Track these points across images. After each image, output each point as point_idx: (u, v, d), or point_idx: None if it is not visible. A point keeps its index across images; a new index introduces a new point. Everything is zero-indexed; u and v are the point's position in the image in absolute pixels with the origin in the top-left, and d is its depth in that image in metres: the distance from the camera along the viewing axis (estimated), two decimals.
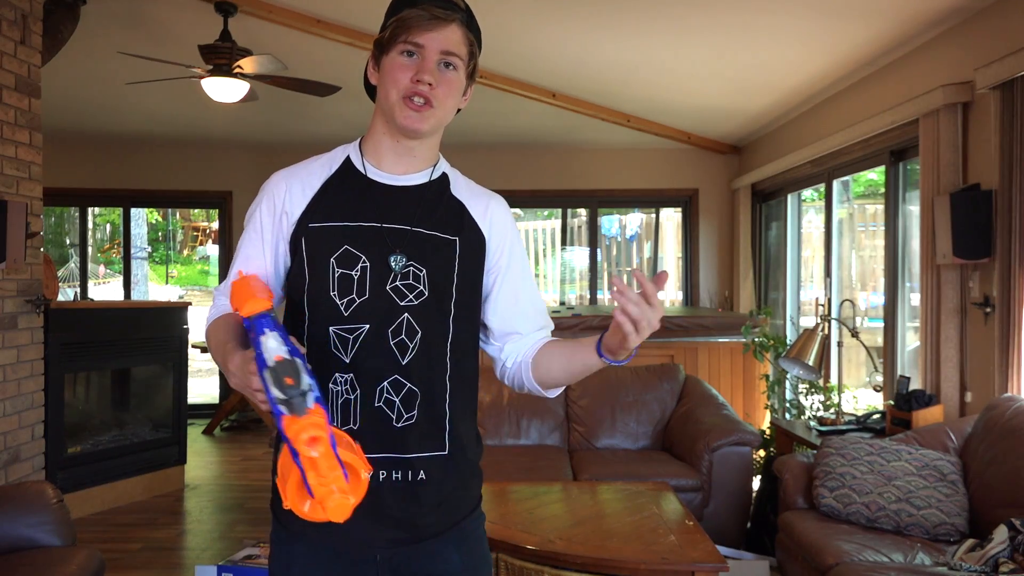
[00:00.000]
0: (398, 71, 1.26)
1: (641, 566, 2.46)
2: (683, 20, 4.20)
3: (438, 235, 1.32)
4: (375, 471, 1.24)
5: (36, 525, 2.64)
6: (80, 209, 7.84)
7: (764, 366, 5.16)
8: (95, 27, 4.48)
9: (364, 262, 1.27)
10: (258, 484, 5.11)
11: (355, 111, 6.05)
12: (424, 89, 1.25)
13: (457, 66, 1.28)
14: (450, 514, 1.33)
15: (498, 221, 1.40)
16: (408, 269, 1.28)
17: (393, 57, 1.27)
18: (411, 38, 1.24)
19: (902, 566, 2.58)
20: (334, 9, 4.42)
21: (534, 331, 1.41)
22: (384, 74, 1.28)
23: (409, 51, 1.25)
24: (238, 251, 1.37)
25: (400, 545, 1.28)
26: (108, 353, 4.70)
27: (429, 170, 1.37)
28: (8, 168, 3.78)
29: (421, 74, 1.24)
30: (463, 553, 1.34)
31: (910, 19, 3.78)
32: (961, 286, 3.55)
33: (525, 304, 1.41)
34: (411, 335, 1.28)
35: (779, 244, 6.37)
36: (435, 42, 1.25)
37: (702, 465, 3.77)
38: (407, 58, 1.26)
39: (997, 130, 3.22)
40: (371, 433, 1.25)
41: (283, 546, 1.35)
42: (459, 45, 1.27)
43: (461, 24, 1.27)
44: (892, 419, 3.55)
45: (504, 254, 1.40)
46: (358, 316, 1.27)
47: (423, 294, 1.29)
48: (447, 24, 1.25)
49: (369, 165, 1.35)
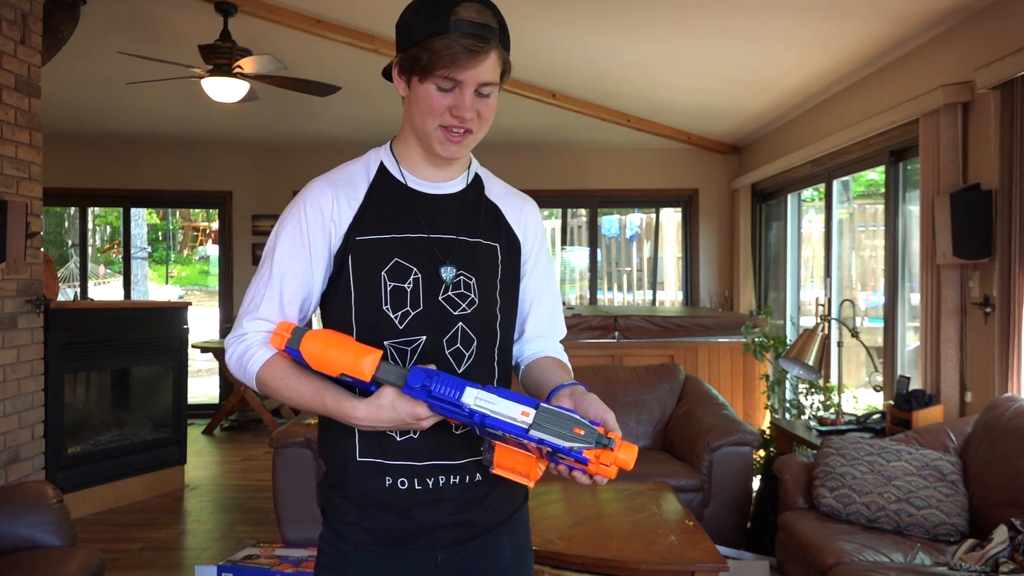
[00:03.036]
0: (435, 102, 1.22)
1: (641, 566, 2.46)
2: (683, 20, 4.20)
3: (481, 242, 1.33)
4: (435, 477, 1.27)
5: (36, 525, 2.64)
6: (80, 209, 7.84)
7: (764, 366, 5.16)
8: (95, 27, 4.48)
9: (416, 274, 1.26)
10: (258, 484, 5.11)
11: (355, 111, 6.07)
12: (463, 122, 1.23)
13: (493, 92, 1.25)
14: (504, 507, 1.35)
15: (531, 224, 1.41)
16: (459, 279, 1.29)
17: (428, 88, 1.22)
18: (449, 74, 1.19)
19: (902, 566, 2.58)
20: (334, 9, 4.42)
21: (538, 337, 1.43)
22: (419, 101, 1.24)
23: (445, 88, 1.21)
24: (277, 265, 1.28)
25: (460, 543, 1.30)
26: (108, 353, 4.70)
27: (464, 174, 1.36)
28: (8, 168, 3.78)
29: (461, 111, 1.21)
30: (514, 544, 1.36)
31: (910, 19, 3.78)
32: (961, 286, 3.55)
33: (541, 309, 1.42)
34: (467, 343, 1.29)
35: (779, 244, 6.37)
36: (473, 77, 1.20)
37: (702, 465, 3.77)
38: (443, 93, 1.22)
39: (997, 130, 3.22)
40: (431, 441, 1.25)
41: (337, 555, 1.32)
42: (494, 71, 1.23)
43: (497, 46, 1.22)
44: (892, 419, 3.55)
45: (532, 258, 1.41)
46: (414, 328, 1.26)
47: (475, 302, 1.30)
48: (485, 57, 1.20)
49: (407, 173, 1.32)
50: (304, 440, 3.69)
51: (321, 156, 7.61)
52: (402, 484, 1.26)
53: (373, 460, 1.27)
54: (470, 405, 1.12)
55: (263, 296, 1.28)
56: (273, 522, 3.94)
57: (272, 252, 1.29)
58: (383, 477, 1.26)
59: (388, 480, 1.26)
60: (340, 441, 1.29)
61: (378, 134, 6.99)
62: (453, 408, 1.13)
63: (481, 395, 1.12)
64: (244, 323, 1.28)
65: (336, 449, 1.30)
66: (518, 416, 1.10)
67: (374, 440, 1.26)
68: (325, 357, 1.17)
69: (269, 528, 4.14)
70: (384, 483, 1.26)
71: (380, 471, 1.26)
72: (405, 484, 1.26)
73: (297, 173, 7.39)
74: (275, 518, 3.76)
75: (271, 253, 1.29)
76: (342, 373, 1.16)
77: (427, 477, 1.26)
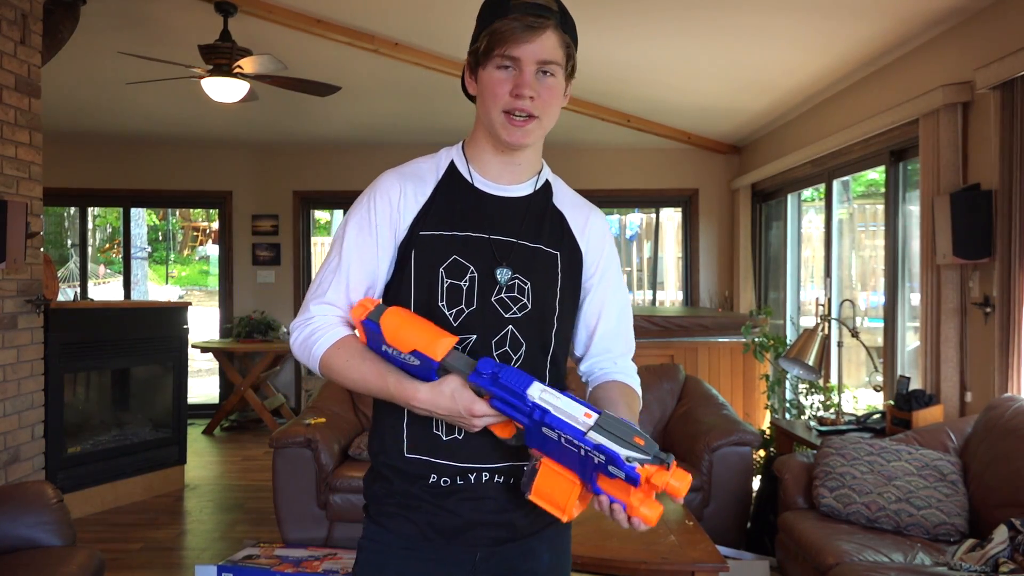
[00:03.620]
0: (496, 86, 1.24)
1: (641, 566, 2.47)
2: (683, 20, 4.20)
3: (542, 248, 1.33)
4: (478, 475, 1.28)
5: (36, 525, 2.63)
6: (80, 209, 7.84)
7: (764, 366, 5.16)
8: (95, 27, 4.48)
9: (472, 272, 1.28)
10: (258, 484, 5.11)
11: (355, 111, 6.07)
12: (525, 104, 1.23)
13: (555, 72, 1.25)
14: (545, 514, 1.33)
15: (595, 236, 1.40)
16: (513, 282, 1.29)
17: (490, 72, 1.24)
18: (506, 51, 1.22)
19: (902, 566, 2.58)
20: (334, 9, 4.42)
21: (604, 353, 1.42)
22: (483, 89, 1.27)
23: (505, 65, 1.23)
24: (345, 253, 1.30)
25: (499, 544, 1.31)
26: (108, 353, 4.70)
27: (534, 179, 1.37)
28: (8, 168, 3.78)
29: (521, 88, 1.22)
30: (553, 552, 1.37)
31: (910, 19, 3.78)
32: (961, 286, 3.55)
33: (607, 326, 1.41)
34: (515, 347, 1.29)
35: (779, 244, 6.37)
36: (531, 53, 1.22)
37: (702, 465, 3.77)
38: (504, 72, 1.24)
39: (997, 130, 3.22)
40: (476, 441, 1.27)
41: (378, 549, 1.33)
42: (555, 51, 1.24)
43: (556, 28, 1.24)
44: (892, 419, 3.55)
45: (597, 272, 1.40)
46: (467, 327, 1.27)
47: (527, 307, 1.30)
48: (542, 32, 1.22)
49: (475, 173, 1.33)
50: (304, 440, 3.69)
51: (321, 156, 7.65)
52: (445, 483, 1.28)
53: (420, 457, 1.29)
54: (534, 399, 1.11)
55: (331, 282, 1.30)
56: (273, 522, 3.94)
57: (341, 239, 1.31)
58: (428, 474, 1.28)
59: (433, 477, 1.28)
60: (388, 436, 1.32)
61: (378, 134, 6.99)
62: (515, 401, 1.12)
63: (547, 391, 1.12)
64: (311, 307, 1.31)
65: (383, 444, 1.33)
66: (580, 417, 1.09)
67: (422, 438, 1.28)
68: (401, 331, 1.18)
69: (269, 528, 4.14)
70: (428, 480, 1.28)
71: (426, 468, 1.28)
72: (448, 482, 1.28)
73: (297, 173, 7.39)
74: (275, 518, 3.76)
75: (340, 240, 1.31)
76: (414, 350, 1.17)
77: (470, 475, 1.28)
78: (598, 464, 1.08)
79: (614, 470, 1.06)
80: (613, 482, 1.08)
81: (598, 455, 1.07)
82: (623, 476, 1.06)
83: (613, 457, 1.06)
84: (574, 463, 1.11)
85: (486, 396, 1.15)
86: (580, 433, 1.08)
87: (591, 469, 1.09)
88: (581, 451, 1.09)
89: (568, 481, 1.13)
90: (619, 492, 1.08)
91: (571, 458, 1.11)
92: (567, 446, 1.10)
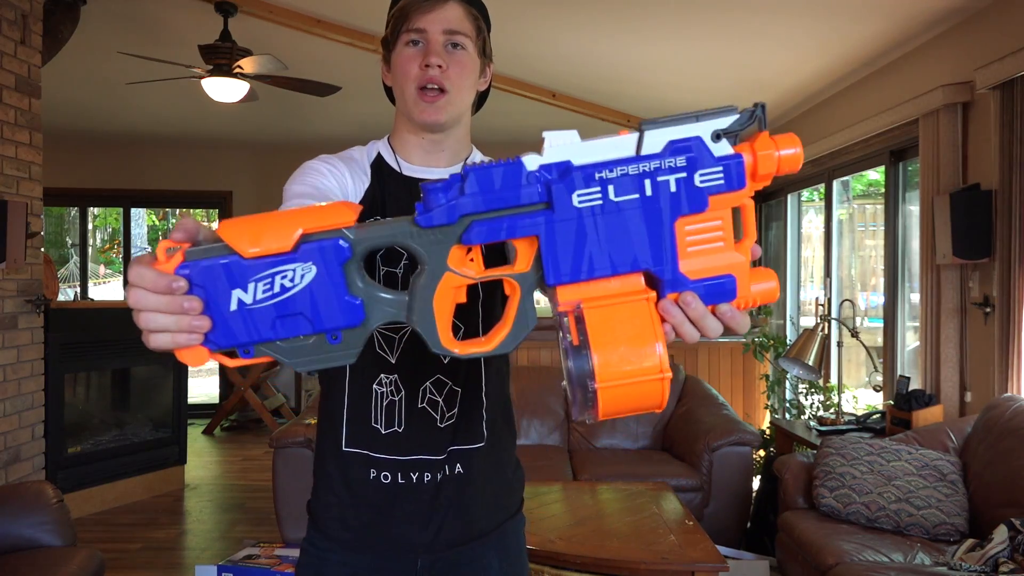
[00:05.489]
0: (406, 63, 1.22)
1: (641, 566, 2.46)
2: (683, 20, 4.20)
3: None
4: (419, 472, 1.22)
5: (36, 525, 2.64)
6: (80, 209, 7.84)
7: (764, 366, 5.16)
8: (95, 27, 4.48)
9: (406, 259, 1.23)
10: (258, 484, 5.11)
11: (355, 111, 6.07)
12: (435, 74, 1.20)
13: (465, 45, 1.23)
14: (492, 514, 1.30)
15: None
16: None
17: (400, 51, 1.23)
18: (411, 25, 1.21)
19: (902, 566, 2.58)
20: (334, 9, 4.41)
21: None
22: (395, 72, 1.25)
23: (413, 40, 1.22)
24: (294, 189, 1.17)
25: (443, 548, 1.26)
26: (108, 353, 4.70)
27: (462, 163, 1.33)
28: (8, 168, 3.78)
29: (428, 57, 1.20)
30: (503, 559, 1.30)
31: (910, 19, 3.78)
32: (961, 286, 3.55)
33: None
34: (454, 331, 1.25)
35: (779, 244, 6.36)
36: (436, 23, 1.21)
37: (702, 465, 3.77)
38: (412, 48, 1.22)
39: (997, 130, 3.22)
40: (416, 435, 1.22)
41: (317, 554, 1.28)
42: (462, 21, 1.23)
43: (459, 1, 1.23)
44: (892, 419, 3.55)
45: None
46: None
47: None
48: (444, 3, 1.21)
49: (402, 161, 1.31)
50: (304, 440, 3.69)
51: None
52: (385, 478, 1.23)
53: (358, 451, 1.24)
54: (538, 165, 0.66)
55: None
56: (273, 522, 3.94)
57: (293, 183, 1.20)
58: (368, 469, 1.23)
59: (372, 472, 1.23)
60: (329, 431, 1.28)
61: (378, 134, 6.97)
62: (511, 192, 0.65)
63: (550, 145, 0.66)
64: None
65: (324, 438, 1.29)
66: (613, 139, 0.68)
67: (361, 431, 1.24)
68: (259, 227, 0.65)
69: (269, 528, 4.14)
70: (368, 475, 1.23)
71: (365, 463, 1.24)
72: (388, 478, 1.23)
73: None
74: (275, 518, 3.76)
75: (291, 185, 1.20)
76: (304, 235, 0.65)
77: (411, 471, 1.23)
78: (677, 192, 0.65)
79: (705, 177, 0.65)
80: (703, 234, 0.67)
81: (676, 163, 0.65)
82: (721, 179, 0.65)
83: (698, 147, 0.65)
84: (634, 241, 0.66)
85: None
86: (633, 156, 0.66)
87: (668, 215, 0.66)
88: (646, 187, 0.65)
89: (639, 305, 0.66)
90: (715, 257, 0.68)
91: (627, 234, 0.66)
92: (621, 202, 0.65)
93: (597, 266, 0.66)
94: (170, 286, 0.66)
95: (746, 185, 0.66)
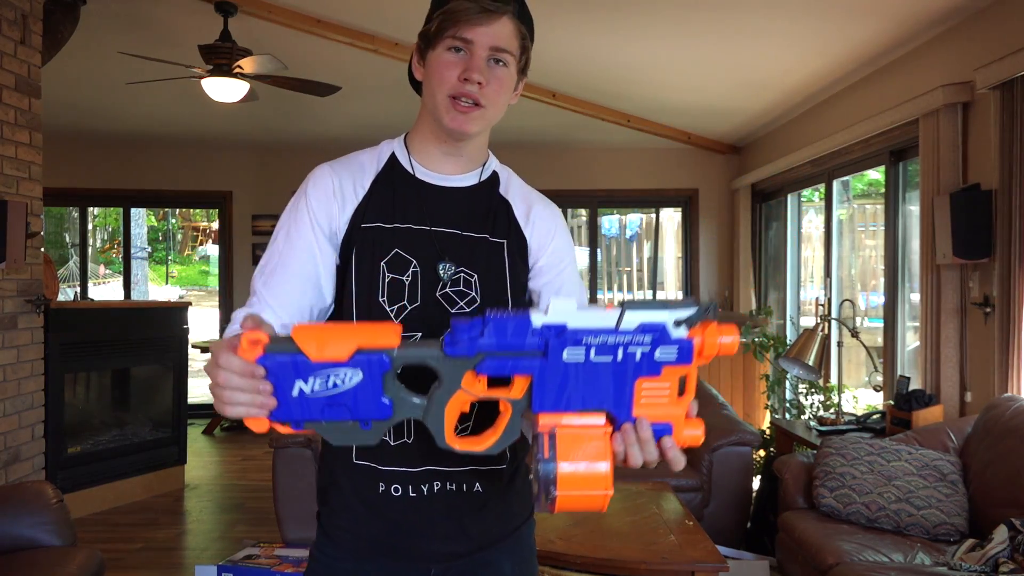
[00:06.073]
0: (444, 68, 1.18)
1: (641, 566, 2.46)
2: (683, 20, 4.20)
3: (488, 238, 1.25)
4: (429, 483, 1.20)
5: (36, 525, 2.64)
6: (80, 209, 7.85)
7: (764, 366, 5.16)
8: (95, 27, 4.48)
9: (415, 267, 1.20)
10: (258, 484, 5.11)
11: (355, 111, 6.07)
12: (472, 90, 1.17)
13: (508, 62, 1.19)
14: (505, 522, 1.28)
15: (540, 222, 1.31)
16: (458, 275, 1.22)
17: (439, 53, 1.18)
18: (459, 33, 1.16)
19: (902, 566, 2.58)
20: (334, 9, 4.41)
21: None
22: (430, 71, 1.20)
23: (456, 47, 1.17)
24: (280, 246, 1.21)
25: (456, 558, 1.24)
26: (108, 353, 4.70)
27: (479, 170, 1.30)
28: (8, 168, 3.78)
29: (470, 72, 1.16)
30: (515, 564, 1.29)
31: (910, 19, 3.78)
32: (961, 286, 3.56)
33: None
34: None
35: (779, 244, 6.37)
36: (485, 37, 1.16)
37: (702, 465, 3.77)
38: (454, 54, 1.17)
39: (997, 130, 3.22)
40: (426, 446, 1.18)
41: (326, 561, 1.27)
42: (510, 40, 1.18)
43: (513, 16, 1.18)
44: (892, 419, 3.55)
45: (544, 257, 1.30)
46: (410, 324, 1.18)
47: (475, 301, 1.22)
48: (498, 17, 1.16)
49: (417, 164, 1.27)
50: (304, 440, 3.69)
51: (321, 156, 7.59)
52: (395, 491, 1.21)
53: (368, 464, 1.22)
54: (542, 322, 0.85)
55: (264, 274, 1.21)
56: (273, 522, 3.94)
57: (273, 241, 1.24)
58: (376, 482, 1.21)
59: (381, 486, 1.21)
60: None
61: (378, 134, 6.95)
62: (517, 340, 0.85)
63: (552, 309, 0.85)
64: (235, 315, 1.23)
65: (333, 451, 1.27)
66: (602, 313, 0.86)
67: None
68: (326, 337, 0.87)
69: (269, 528, 4.14)
70: (377, 488, 1.21)
71: (374, 476, 1.22)
72: (399, 491, 1.21)
73: (297, 173, 7.35)
74: (275, 518, 3.75)
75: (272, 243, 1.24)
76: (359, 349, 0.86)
77: (421, 484, 1.21)
78: (640, 361, 0.86)
79: (663, 353, 0.85)
80: (654, 392, 0.87)
81: (643, 340, 0.85)
82: (674, 355, 0.85)
83: (661, 330, 0.84)
84: (603, 390, 0.87)
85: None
86: (612, 329, 0.85)
87: (631, 376, 0.86)
88: (618, 354, 0.85)
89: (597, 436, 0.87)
90: (660, 409, 0.88)
91: (599, 385, 0.87)
92: (597, 362, 0.86)
93: (572, 403, 0.87)
94: (253, 373, 0.83)
95: (692, 361, 0.86)
